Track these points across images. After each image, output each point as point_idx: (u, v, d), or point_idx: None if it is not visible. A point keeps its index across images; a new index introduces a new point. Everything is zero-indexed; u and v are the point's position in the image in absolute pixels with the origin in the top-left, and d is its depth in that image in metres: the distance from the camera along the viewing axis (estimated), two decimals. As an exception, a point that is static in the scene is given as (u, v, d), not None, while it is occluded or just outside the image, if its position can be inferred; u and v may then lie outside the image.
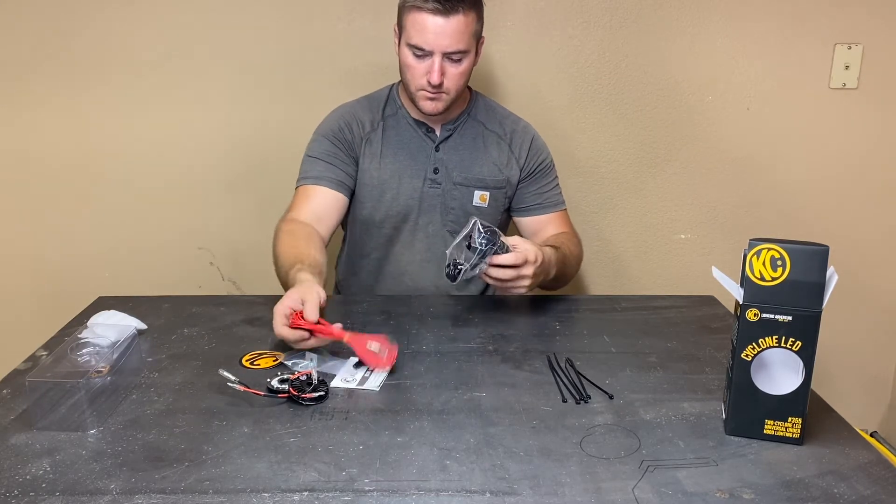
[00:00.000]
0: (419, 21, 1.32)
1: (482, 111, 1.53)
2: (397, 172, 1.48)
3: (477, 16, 1.37)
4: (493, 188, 1.51)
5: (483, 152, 1.50)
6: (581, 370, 1.13)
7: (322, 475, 0.86)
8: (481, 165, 1.50)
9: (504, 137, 1.52)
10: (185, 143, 1.82)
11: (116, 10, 1.73)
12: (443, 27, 1.32)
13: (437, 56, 1.34)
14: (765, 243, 0.90)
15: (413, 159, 1.49)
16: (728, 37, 1.78)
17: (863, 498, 0.83)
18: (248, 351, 1.20)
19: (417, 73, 1.37)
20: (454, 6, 1.31)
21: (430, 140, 1.49)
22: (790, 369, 0.91)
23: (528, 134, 1.54)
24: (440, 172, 1.49)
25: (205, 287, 1.91)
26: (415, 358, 1.18)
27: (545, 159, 1.55)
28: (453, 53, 1.35)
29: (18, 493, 0.83)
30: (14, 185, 1.83)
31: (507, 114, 1.56)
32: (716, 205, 1.89)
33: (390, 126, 1.50)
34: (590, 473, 0.87)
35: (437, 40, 1.33)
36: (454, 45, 1.33)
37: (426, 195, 1.49)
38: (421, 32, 1.33)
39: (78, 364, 0.99)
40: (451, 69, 1.36)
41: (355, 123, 1.49)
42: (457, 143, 1.50)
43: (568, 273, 1.46)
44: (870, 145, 1.84)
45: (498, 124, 1.52)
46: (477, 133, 1.51)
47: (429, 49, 1.34)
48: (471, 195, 1.50)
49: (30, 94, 1.77)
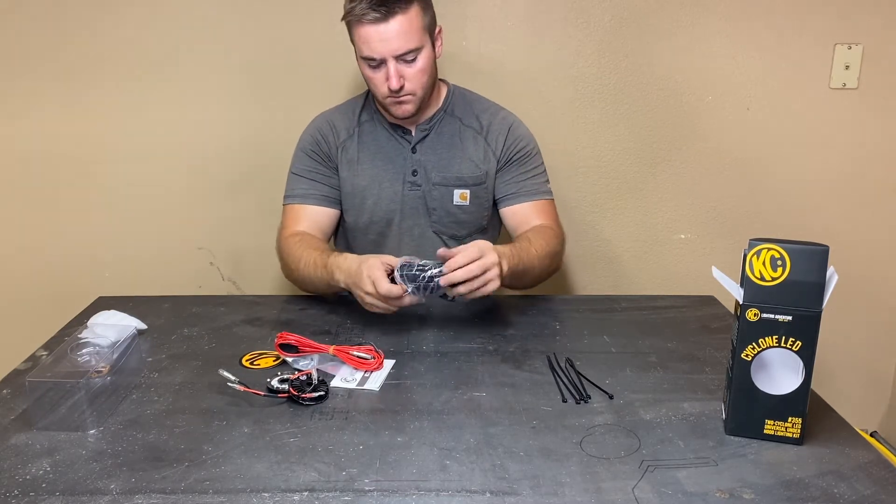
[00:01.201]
0: (362, 34, 1.31)
1: (459, 105, 1.50)
2: (376, 178, 1.47)
3: (421, 9, 1.34)
4: (473, 185, 1.48)
5: (460, 149, 1.48)
6: (581, 370, 1.13)
7: (322, 475, 0.86)
8: (459, 163, 1.47)
9: (480, 132, 1.49)
10: (186, 144, 1.82)
11: (117, 11, 1.73)
12: (386, 32, 1.30)
13: (390, 62, 1.32)
14: (765, 243, 0.90)
15: (391, 163, 1.47)
16: (728, 37, 1.78)
17: (863, 498, 0.83)
18: (248, 351, 1.20)
19: (378, 83, 1.36)
20: (390, 9, 1.28)
21: (406, 142, 1.47)
22: (790, 369, 0.91)
23: (506, 123, 1.50)
24: (419, 174, 1.47)
25: (205, 287, 1.90)
26: (415, 358, 1.18)
27: (524, 146, 1.49)
28: (405, 55, 1.32)
29: (18, 493, 0.83)
30: (14, 185, 1.83)
31: (486, 106, 1.52)
32: (716, 205, 1.89)
33: (366, 132, 1.49)
34: (590, 473, 0.87)
35: (384, 47, 1.31)
36: (403, 46, 1.31)
37: (407, 198, 1.48)
38: (367, 43, 1.31)
39: (78, 364, 0.99)
40: (407, 70, 1.34)
41: (331, 133, 1.49)
42: (433, 142, 1.48)
43: (532, 268, 1.35)
44: (870, 145, 1.84)
45: (475, 118, 1.50)
46: (454, 130, 1.48)
47: (379, 57, 1.32)
48: (451, 194, 1.48)
49: (30, 93, 1.77)
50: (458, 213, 1.49)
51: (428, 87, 1.40)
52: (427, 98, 1.42)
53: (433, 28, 1.39)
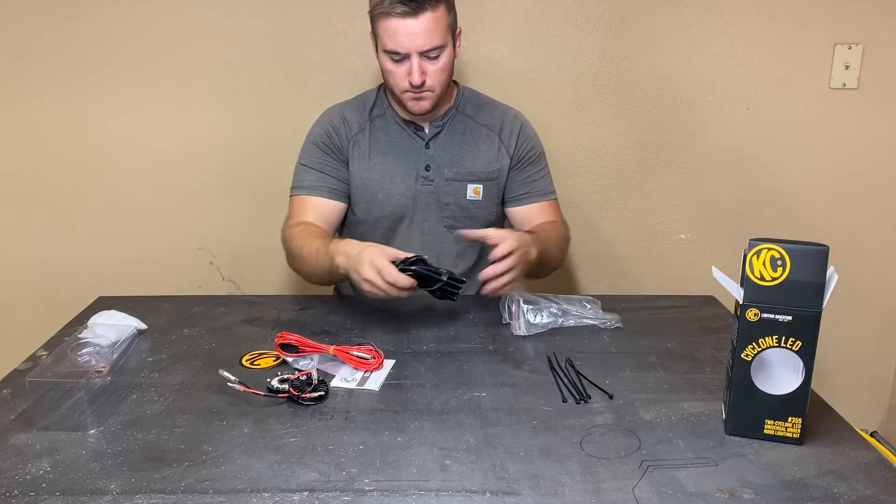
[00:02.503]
0: (390, 27, 1.32)
1: (470, 104, 1.53)
2: (388, 172, 1.48)
3: (447, 8, 1.36)
4: (486, 180, 1.51)
5: (473, 146, 1.50)
6: (581, 370, 1.13)
7: (322, 475, 0.86)
8: (473, 159, 1.50)
9: (494, 128, 1.52)
10: (186, 144, 1.82)
11: (118, 12, 1.73)
12: (414, 28, 1.31)
13: (414, 57, 1.34)
14: (765, 243, 0.90)
15: (403, 158, 1.49)
16: (728, 37, 1.78)
17: (863, 498, 0.83)
18: (248, 351, 1.20)
19: (399, 77, 1.37)
20: (421, 5, 1.30)
21: (419, 138, 1.49)
22: (790, 369, 0.91)
23: (518, 122, 1.54)
24: (432, 169, 1.49)
25: (205, 287, 1.91)
26: (415, 358, 1.18)
27: (534, 147, 1.54)
28: (430, 51, 1.34)
29: (18, 493, 0.83)
30: (14, 186, 1.83)
31: (495, 104, 1.56)
32: (716, 205, 1.89)
33: (378, 127, 1.50)
34: (590, 473, 0.87)
35: (410, 42, 1.32)
36: (428, 42, 1.33)
37: (420, 193, 1.49)
38: (393, 37, 1.33)
39: (78, 364, 0.99)
40: (430, 67, 1.36)
41: (343, 126, 1.49)
42: (446, 139, 1.50)
43: (552, 256, 1.44)
44: (870, 145, 1.84)
45: (487, 116, 1.53)
46: (466, 127, 1.51)
47: (404, 52, 1.33)
48: (464, 189, 1.50)
49: (30, 94, 1.77)
50: (471, 208, 1.51)
51: (446, 86, 1.42)
52: (443, 96, 1.44)
53: (455, 28, 1.41)
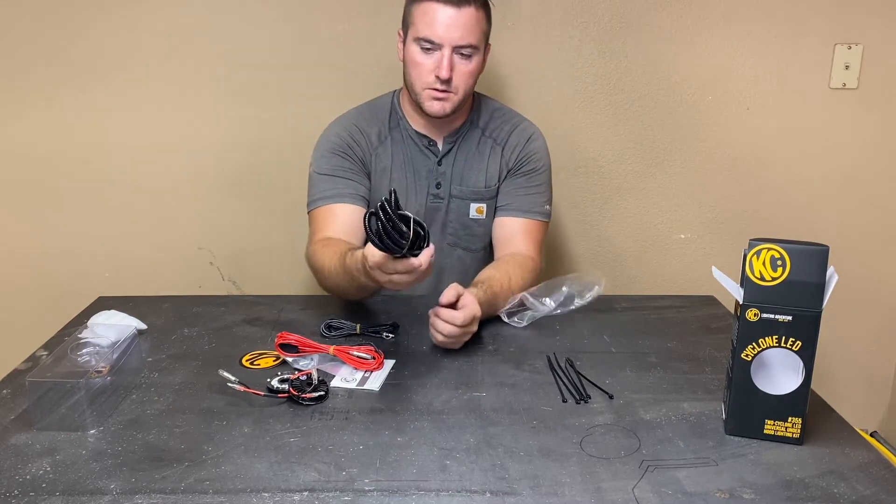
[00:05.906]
0: (429, 12, 1.29)
1: (484, 115, 1.48)
2: (404, 190, 1.44)
3: (486, 15, 1.34)
4: (489, 198, 1.47)
5: (479, 162, 1.45)
6: (581, 370, 1.13)
7: (322, 475, 0.86)
8: (478, 177, 1.45)
9: (499, 142, 1.46)
10: (186, 144, 1.82)
11: (118, 11, 1.73)
12: (454, 18, 1.28)
13: (446, 49, 1.30)
14: (765, 243, 0.90)
15: (417, 175, 1.45)
16: (728, 37, 1.78)
17: (863, 498, 0.83)
18: (248, 351, 1.20)
19: (425, 70, 1.32)
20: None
21: (432, 154, 1.45)
22: (790, 369, 0.91)
23: (525, 135, 1.47)
24: (442, 187, 1.45)
25: (205, 287, 1.90)
26: (415, 358, 1.18)
27: (534, 161, 1.46)
28: (464, 48, 1.31)
29: (18, 493, 0.83)
30: (14, 185, 1.83)
31: (510, 117, 1.49)
32: (716, 205, 1.89)
33: (396, 140, 1.45)
34: (590, 473, 0.87)
35: (447, 32, 1.29)
36: (465, 37, 1.30)
37: (429, 210, 1.46)
38: (431, 24, 1.29)
39: (78, 364, 0.99)
40: (460, 66, 1.32)
41: (362, 138, 1.43)
42: (457, 156, 1.45)
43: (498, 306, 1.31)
44: (870, 145, 1.84)
45: (498, 128, 1.47)
46: (475, 141, 1.46)
47: (438, 42, 1.30)
48: (467, 208, 1.47)
49: (30, 93, 1.77)
50: (475, 227, 1.48)
51: (469, 93, 1.38)
52: (463, 103, 1.39)
53: (488, 39, 1.38)
